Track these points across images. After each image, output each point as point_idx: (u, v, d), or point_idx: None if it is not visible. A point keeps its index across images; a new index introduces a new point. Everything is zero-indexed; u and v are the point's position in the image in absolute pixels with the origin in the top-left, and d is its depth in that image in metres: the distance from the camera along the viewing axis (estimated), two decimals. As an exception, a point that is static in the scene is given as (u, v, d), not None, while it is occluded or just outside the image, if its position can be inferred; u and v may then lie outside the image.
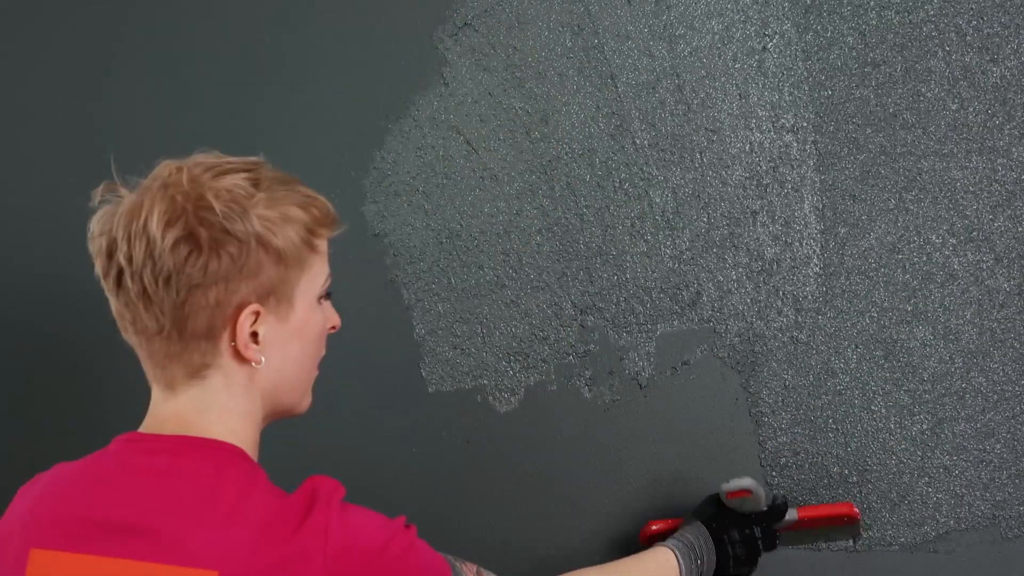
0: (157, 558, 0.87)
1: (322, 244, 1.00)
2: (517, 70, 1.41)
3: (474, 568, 1.02)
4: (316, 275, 0.99)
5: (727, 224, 1.39)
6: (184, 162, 0.95)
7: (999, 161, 1.34)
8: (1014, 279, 1.35)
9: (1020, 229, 1.35)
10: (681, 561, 1.22)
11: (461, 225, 1.43)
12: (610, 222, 1.41)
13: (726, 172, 1.39)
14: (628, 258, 1.41)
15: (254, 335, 0.95)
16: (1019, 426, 1.36)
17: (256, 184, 0.95)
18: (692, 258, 1.40)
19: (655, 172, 1.40)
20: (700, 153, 1.39)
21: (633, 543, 1.39)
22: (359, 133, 1.44)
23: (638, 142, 1.40)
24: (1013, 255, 1.35)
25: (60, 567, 0.89)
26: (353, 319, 1.46)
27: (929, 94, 1.35)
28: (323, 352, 1.05)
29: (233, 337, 0.94)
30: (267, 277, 0.94)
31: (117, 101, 1.49)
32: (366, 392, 1.47)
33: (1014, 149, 1.34)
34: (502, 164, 1.42)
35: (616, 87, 1.40)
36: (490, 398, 1.45)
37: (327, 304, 1.04)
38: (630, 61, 1.39)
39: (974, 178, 1.35)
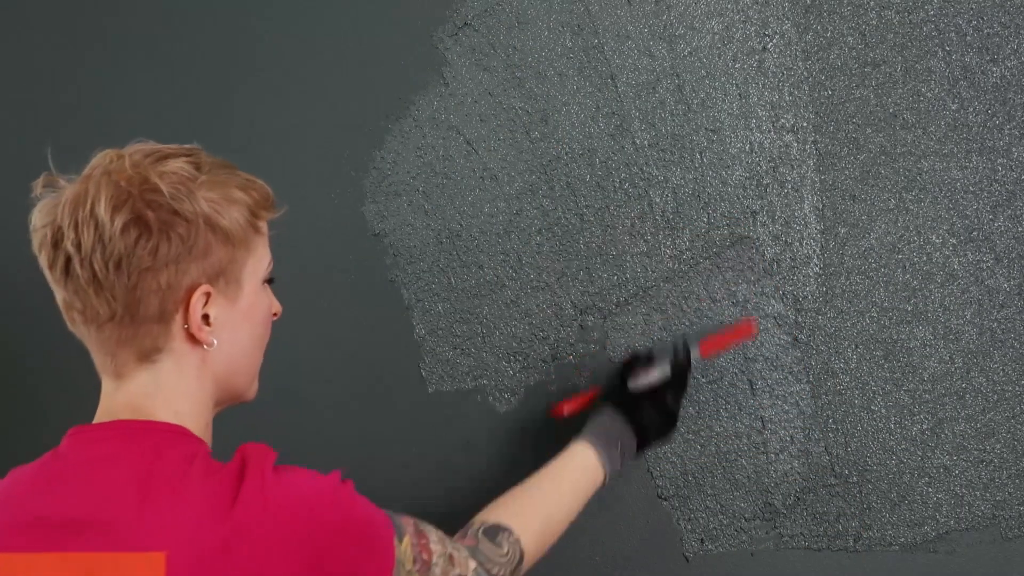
0: (107, 547, 0.88)
1: (264, 227, 1.00)
2: (517, 70, 1.41)
3: (411, 521, 1.02)
4: (261, 257, 1.00)
5: (727, 224, 1.39)
6: (123, 150, 0.95)
7: (999, 161, 1.34)
8: (1014, 279, 1.35)
9: (1020, 229, 1.35)
10: (598, 447, 1.22)
11: (461, 225, 1.43)
12: (610, 222, 1.41)
13: (726, 172, 1.39)
14: (628, 258, 1.41)
15: (205, 317, 0.95)
16: (1019, 426, 1.36)
17: (198, 167, 0.95)
18: (692, 258, 1.40)
19: (655, 172, 1.40)
20: (700, 153, 1.39)
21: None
22: (359, 133, 1.44)
23: (638, 142, 1.40)
24: (1013, 255, 1.35)
25: (13, 569, 0.89)
26: (353, 319, 1.46)
27: (929, 94, 1.35)
28: (268, 337, 1.05)
29: (185, 320, 0.94)
30: (216, 258, 0.94)
31: (117, 101, 1.49)
32: (366, 392, 1.47)
33: (1014, 149, 1.34)
34: (502, 164, 1.42)
35: (616, 87, 1.40)
36: (490, 398, 1.45)
37: (269, 290, 1.04)
38: (630, 61, 1.39)
39: (974, 178, 1.35)
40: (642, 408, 1.26)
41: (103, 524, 0.89)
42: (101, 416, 0.97)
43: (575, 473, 1.21)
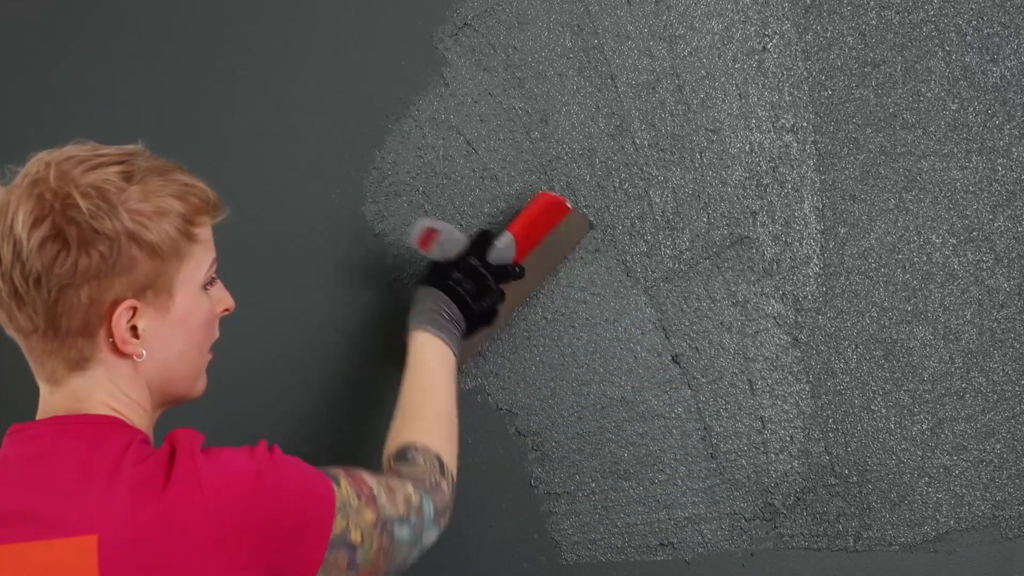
0: (39, 536, 0.88)
1: (203, 232, 0.99)
2: (517, 70, 1.41)
3: (340, 468, 1.02)
4: (198, 264, 0.98)
5: (727, 224, 1.39)
6: (55, 156, 0.94)
7: (999, 161, 1.34)
8: (1014, 279, 1.35)
9: (1020, 229, 1.35)
10: (435, 331, 1.22)
11: (461, 225, 1.43)
12: (610, 222, 1.41)
13: (726, 172, 1.39)
14: (628, 258, 1.41)
15: (133, 329, 0.95)
16: (1019, 426, 1.36)
17: (128, 177, 0.93)
18: (692, 258, 1.40)
19: (655, 172, 1.40)
20: (700, 153, 1.39)
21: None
22: (359, 133, 1.44)
23: (638, 142, 1.40)
24: (1013, 255, 1.35)
25: None
26: (353, 319, 1.46)
27: (929, 94, 1.35)
28: (215, 336, 1.04)
29: (110, 333, 0.94)
30: (141, 272, 0.93)
31: (116, 101, 1.48)
32: (366, 392, 1.47)
33: (1014, 149, 1.34)
34: (502, 164, 1.42)
35: (616, 87, 1.40)
36: (490, 398, 1.45)
37: (216, 288, 1.03)
38: (630, 61, 1.39)
39: (974, 178, 1.35)
40: (452, 276, 1.26)
41: (37, 515, 0.89)
42: (40, 415, 0.98)
43: (433, 369, 1.22)
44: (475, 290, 1.27)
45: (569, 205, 1.35)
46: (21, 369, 0.99)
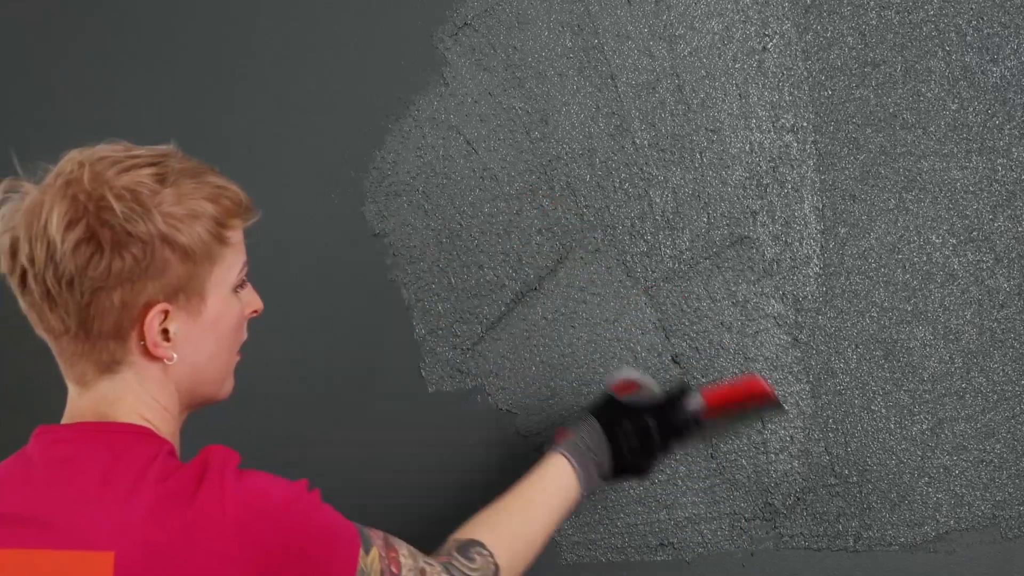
0: (55, 545, 0.88)
1: (235, 235, 0.98)
2: (517, 70, 1.41)
3: (381, 535, 1.00)
4: (229, 267, 0.98)
5: (727, 224, 1.39)
6: (88, 156, 0.93)
7: (999, 161, 1.34)
8: (1014, 279, 1.35)
9: (1020, 229, 1.35)
10: (574, 463, 1.19)
11: (461, 225, 1.43)
12: (610, 222, 1.41)
13: (726, 172, 1.39)
14: (628, 258, 1.41)
15: (165, 332, 0.94)
16: (1019, 426, 1.36)
17: (162, 179, 0.93)
18: (692, 258, 1.40)
19: (655, 172, 1.40)
20: (700, 153, 1.39)
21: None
22: (359, 133, 1.44)
23: (638, 142, 1.40)
24: (1013, 255, 1.35)
25: None
26: (353, 319, 1.46)
27: (929, 94, 1.35)
28: (244, 338, 1.04)
29: (142, 336, 0.93)
30: (174, 275, 0.93)
31: (116, 101, 1.49)
32: (366, 392, 1.47)
33: (1014, 149, 1.34)
34: (502, 164, 1.42)
35: (616, 87, 1.40)
36: (490, 398, 1.45)
37: (246, 290, 1.03)
38: (630, 61, 1.39)
39: (974, 178, 1.35)
40: (622, 424, 1.22)
41: (55, 522, 0.89)
42: (67, 418, 0.97)
43: (550, 489, 1.18)
44: (638, 448, 1.22)
45: (772, 395, 1.27)
46: (52, 369, 0.98)
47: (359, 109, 1.44)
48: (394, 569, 0.98)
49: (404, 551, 1.02)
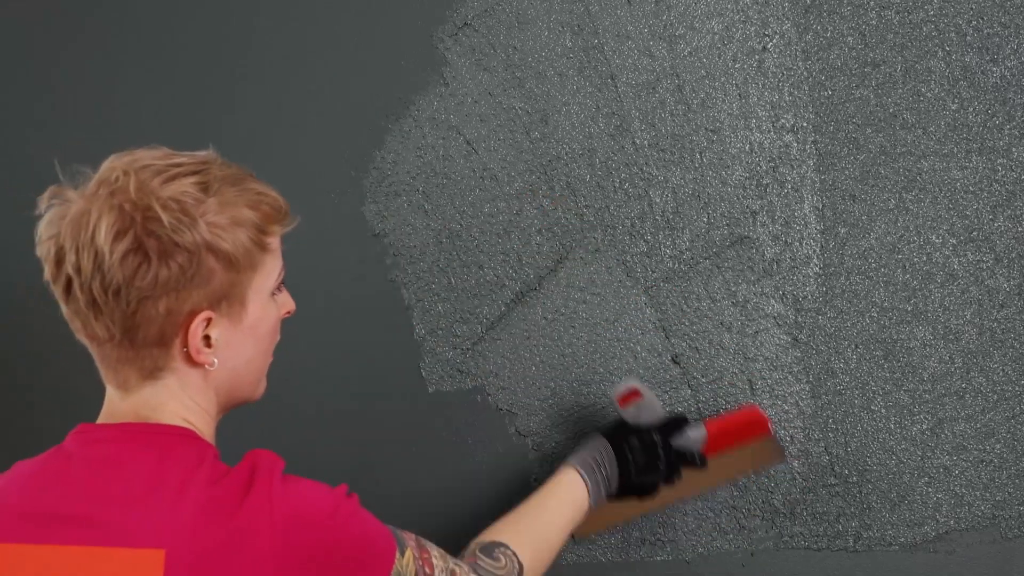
0: (101, 542, 0.88)
1: (274, 242, 0.99)
2: (517, 70, 1.41)
3: (413, 537, 1.03)
4: (269, 273, 0.99)
5: (727, 224, 1.39)
6: (131, 164, 0.94)
7: (999, 161, 1.34)
8: (1014, 279, 1.35)
9: (1020, 229, 1.35)
10: (585, 476, 1.23)
11: (461, 225, 1.43)
12: (610, 222, 1.41)
13: (726, 172, 1.39)
14: (628, 258, 1.41)
15: (207, 339, 0.95)
16: (1019, 426, 1.36)
17: (205, 188, 0.93)
18: (692, 258, 1.40)
19: (655, 172, 1.40)
20: (700, 153, 1.39)
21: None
22: (359, 133, 1.44)
23: (638, 142, 1.40)
24: (1013, 255, 1.35)
25: (9, 558, 0.90)
26: (353, 319, 1.46)
27: (929, 94, 1.35)
28: (278, 339, 1.05)
29: (185, 343, 0.94)
30: (218, 283, 0.94)
31: (116, 101, 1.49)
32: (366, 392, 1.47)
33: (1014, 149, 1.34)
34: (502, 164, 1.42)
35: (616, 87, 1.40)
36: (490, 398, 1.45)
37: (281, 293, 1.04)
38: (630, 61, 1.39)
39: (974, 178, 1.35)
40: (629, 441, 1.27)
41: (102, 520, 0.89)
42: (106, 418, 0.98)
43: (565, 500, 1.23)
44: (643, 464, 1.27)
45: (771, 428, 1.35)
46: (87, 371, 0.99)
47: (359, 109, 1.44)
48: (427, 570, 1.01)
49: (435, 552, 1.04)
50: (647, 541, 1.43)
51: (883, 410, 1.38)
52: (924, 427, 1.37)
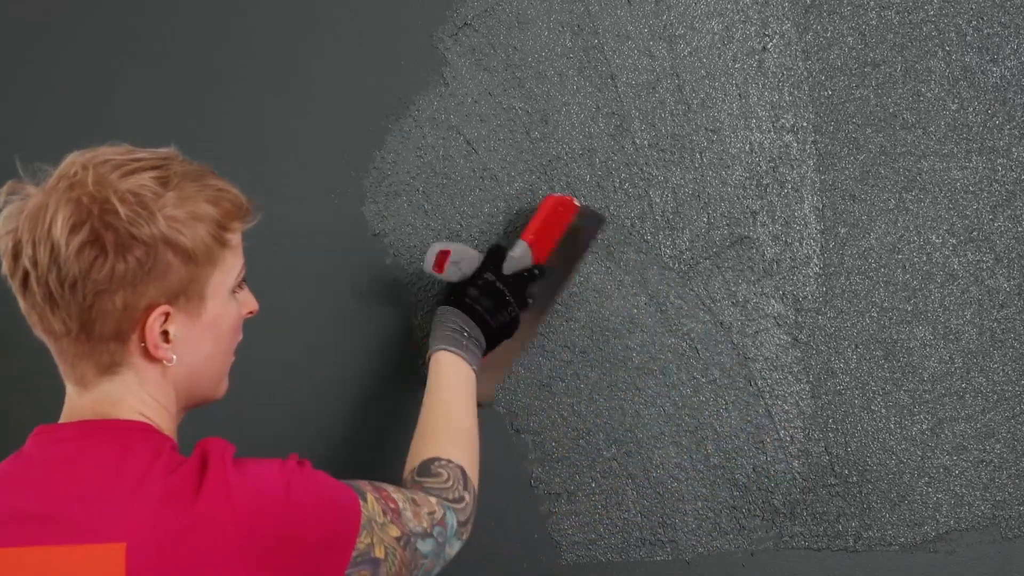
0: (63, 540, 0.88)
1: (234, 238, 0.99)
2: (517, 70, 1.41)
3: (367, 482, 1.03)
4: (228, 269, 0.99)
5: (727, 224, 1.39)
6: (90, 159, 0.94)
7: (999, 161, 1.34)
8: (1014, 279, 1.35)
9: (1020, 229, 1.35)
10: (455, 350, 1.24)
11: (461, 225, 1.43)
12: (610, 222, 1.41)
13: (726, 172, 1.39)
14: (628, 258, 1.41)
15: (165, 334, 0.95)
16: (1019, 426, 1.36)
17: (165, 183, 0.93)
18: (692, 258, 1.40)
19: (655, 172, 1.40)
20: (700, 153, 1.39)
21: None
22: (359, 133, 1.44)
23: (638, 142, 1.40)
24: (1013, 255, 1.35)
25: None
26: (353, 319, 1.46)
27: (929, 94, 1.35)
28: (239, 338, 1.05)
29: (143, 338, 0.94)
30: (176, 278, 0.94)
31: (115, 101, 1.48)
32: (366, 392, 1.47)
33: (1014, 149, 1.34)
34: (502, 164, 1.42)
35: (616, 87, 1.40)
36: (490, 398, 1.45)
37: (243, 291, 1.04)
38: (630, 61, 1.39)
39: (974, 178, 1.35)
40: (468, 294, 1.28)
41: (63, 518, 0.89)
42: (66, 418, 0.98)
43: (452, 385, 1.22)
44: (492, 306, 1.28)
45: (577, 203, 1.36)
46: (48, 370, 0.99)
47: (359, 109, 1.44)
48: (392, 505, 1.01)
49: (391, 488, 1.04)
50: (647, 541, 1.43)
51: (883, 410, 1.38)
52: (924, 427, 1.37)
